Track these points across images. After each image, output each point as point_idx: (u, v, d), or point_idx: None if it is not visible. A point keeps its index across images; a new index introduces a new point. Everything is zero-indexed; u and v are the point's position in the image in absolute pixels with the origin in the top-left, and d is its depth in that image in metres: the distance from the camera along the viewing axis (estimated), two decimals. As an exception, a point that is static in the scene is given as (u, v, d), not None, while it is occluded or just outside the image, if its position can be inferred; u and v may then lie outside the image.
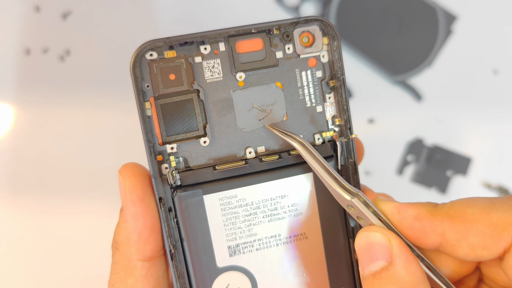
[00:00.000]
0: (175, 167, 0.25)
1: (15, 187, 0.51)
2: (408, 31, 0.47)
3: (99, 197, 0.50)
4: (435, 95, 0.47)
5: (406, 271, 0.20)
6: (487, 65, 0.47)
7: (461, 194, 0.47)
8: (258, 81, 0.25)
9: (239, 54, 0.25)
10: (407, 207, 0.22)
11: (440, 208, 0.21)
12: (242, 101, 0.25)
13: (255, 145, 0.26)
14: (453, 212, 0.21)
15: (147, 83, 0.25)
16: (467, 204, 0.21)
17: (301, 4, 0.47)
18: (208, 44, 0.25)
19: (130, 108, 0.50)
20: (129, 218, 0.24)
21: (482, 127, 0.47)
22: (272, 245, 0.26)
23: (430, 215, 0.21)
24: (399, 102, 0.48)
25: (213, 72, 0.25)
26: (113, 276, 0.25)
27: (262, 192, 0.25)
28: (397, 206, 0.22)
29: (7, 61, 0.50)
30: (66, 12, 0.50)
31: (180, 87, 0.25)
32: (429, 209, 0.21)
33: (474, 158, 0.47)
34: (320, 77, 0.26)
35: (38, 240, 0.51)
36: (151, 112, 0.25)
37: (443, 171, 0.48)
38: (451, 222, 0.20)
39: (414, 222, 0.21)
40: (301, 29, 0.25)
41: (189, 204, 0.25)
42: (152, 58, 0.25)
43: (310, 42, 0.25)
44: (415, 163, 0.48)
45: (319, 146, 0.26)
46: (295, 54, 0.25)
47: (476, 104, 0.47)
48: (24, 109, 0.51)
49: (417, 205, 0.22)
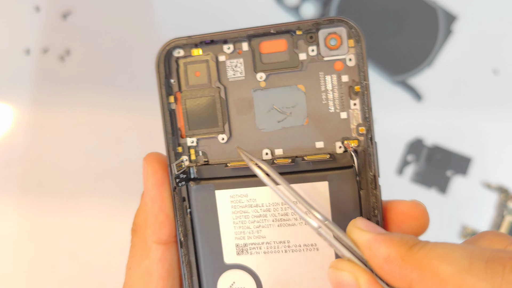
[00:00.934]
0: (182, 160, 0.26)
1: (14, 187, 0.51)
2: (408, 31, 0.47)
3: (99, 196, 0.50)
4: (435, 95, 0.47)
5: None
6: (487, 65, 0.47)
7: (461, 194, 0.47)
8: (280, 83, 0.25)
9: (263, 55, 0.25)
10: (380, 244, 0.20)
11: (414, 253, 0.19)
12: (263, 102, 0.25)
13: (272, 147, 0.26)
14: (425, 263, 0.18)
15: (173, 79, 0.26)
16: (444, 258, 0.18)
17: (301, 4, 0.47)
18: (232, 43, 0.25)
19: (131, 107, 0.50)
20: (147, 201, 0.25)
21: (482, 127, 0.47)
22: (280, 251, 0.25)
23: (401, 259, 0.19)
24: (399, 102, 0.48)
25: (235, 71, 0.25)
26: (131, 259, 0.26)
27: (272, 195, 0.25)
28: (369, 240, 0.20)
29: (7, 61, 0.50)
30: (66, 12, 0.50)
31: (204, 85, 0.26)
32: (402, 252, 0.19)
33: (474, 158, 0.47)
34: (346, 82, 0.24)
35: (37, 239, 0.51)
36: (175, 106, 0.26)
37: (443, 171, 0.48)
38: (420, 274, 0.18)
39: (383, 263, 0.19)
40: (327, 30, 0.24)
41: (201, 197, 0.26)
42: (179, 55, 0.26)
43: (338, 45, 0.24)
44: (415, 163, 0.48)
45: (339, 155, 0.25)
46: (319, 57, 0.25)
47: (476, 104, 0.47)
48: (24, 109, 0.51)
49: (391, 243, 0.19)
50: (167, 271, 0.25)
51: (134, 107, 0.50)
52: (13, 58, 0.50)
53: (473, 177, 0.47)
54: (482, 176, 0.47)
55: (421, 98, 0.48)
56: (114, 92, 0.50)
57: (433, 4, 0.47)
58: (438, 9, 0.47)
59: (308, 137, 0.25)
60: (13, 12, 0.50)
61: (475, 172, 0.47)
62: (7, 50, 0.50)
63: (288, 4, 0.47)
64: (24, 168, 0.51)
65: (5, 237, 0.51)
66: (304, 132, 0.25)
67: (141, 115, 0.49)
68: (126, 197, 0.50)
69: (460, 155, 0.48)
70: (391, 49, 0.47)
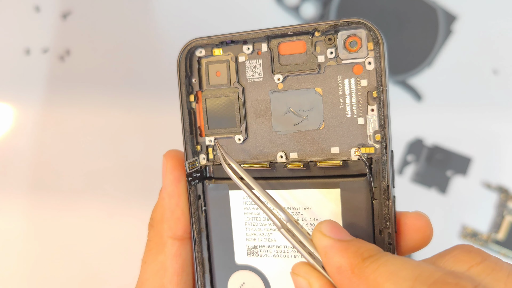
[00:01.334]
0: (195, 159, 0.26)
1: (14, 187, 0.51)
2: (408, 31, 0.47)
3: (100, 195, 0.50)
4: (435, 95, 0.47)
5: None
6: (487, 65, 0.47)
7: (461, 194, 0.47)
8: (298, 85, 0.25)
9: (281, 56, 0.25)
10: (335, 253, 0.19)
11: (364, 267, 0.18)
12: (279, 104, 0.25)
13: (287, 150, 0.25)
14: (372, 279, 0.18)
15: (194, 78, 0.26)
16: (389, 276, 0.17)
17: (301, 4, 0.47)
18: (251, 44, 0.25)
19: (131, 107, 0.50)
20: (165, 196, 0.26)
21: (482, 127, 0.47)
22: (290, 256, 0.25)
23: (351, 271, 0.19)
24: (399, 102, 0.48)
25: (254, 72, 0.25)
26: (146, 253, 0.26)
27: (283, 199, 0.25)
28: (326, 246, 0.20)
29: (7, 61, 0.50)
30: (66, 12, 0.50)
31: (224, 85, 0.26)
32: (353, 264, 0.19)
33: (474, 158, 0.47)
34: (364, 86, 0.23)
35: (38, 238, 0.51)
36: (196, 105, 0.27)
37: (443, 171, 0.48)
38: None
39: (335, 273, 0.19)
40: (346, 32, 0.23)
41: (216, 196, 0.26)
42: (201, 55, 0.26)
43: (358, 47, 0.23)
44: (415, 163, 0.48)
45: (352, 162, 0.24)
46: (338, 59, 0.24)
47: (476, 104, 0.47)
48: (24, 109, 0.51)
49: (345, 253, 0.19)
50: (181, 266, 0.26)
51: (134, 107, 0.50)
52: (13, 58, 0.50)
53: (473, 177, 0.47)
54: (482, 176, 0.47)
55: (421, 98, 0.47)
56: (114, 92, 0.50)
57: (433, 4, 0.47)
58: (438, 9, 0.47)
59: (324, 142, 0.25)
60: (13, 12, 0.50)
61: (475, 172, 0.47)
62: (7, 50, 0.50)
63: (288, 4, 0.47)
64: (24, 167, 0.51)
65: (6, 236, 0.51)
66: (319, 137, 0.25)
67: (141, 114, 0.49)
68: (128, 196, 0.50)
69: (460, 155, 0.48)
70: (391, 49, 0.47)
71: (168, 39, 0.49)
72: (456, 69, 0.47)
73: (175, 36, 0.49)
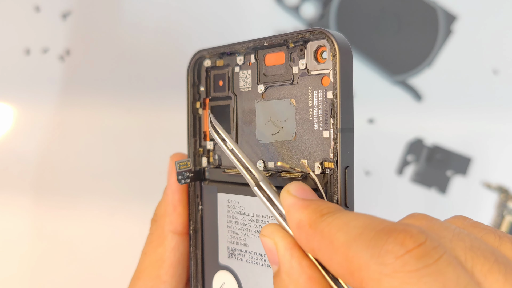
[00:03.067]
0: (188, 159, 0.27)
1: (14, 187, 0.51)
2: (408, 31, 0.47)
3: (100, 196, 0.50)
4: (435, 95, 0.47)
5: (289, 278, 0.19)
6: (487, 65, 0.47)
7: (461, 194, 0.47)
8: (277, 95, 0.25)
9: (266, 67, 0.25)
10: (296, 210, 0.20)
11: (321, 221, 0.18)
12: (262, 113, 0.26)
13: (266, 159, 0.25)
14: (326, 231, 0.18)
15: (202, 86, 0.28)
16: (342, 227, 0.18)
17: (301, 4, 0.47)
18: (242, 55, 0.26)
19: (131, 107, 0.50)
20: (168, 193, 0.28)
21: (482, 127, 0.47)
22: (258, 263, 0.25)
23: (309, 226, 0.19)
24: (399, 102, 0.48)
25: (245, 82, 0.26)
26: (147, 245, 0.28)
27: (255, 206, 0.25)
28: (289, 204, 0.20)
29: (7, 61, 0.50)
30: (66, 12, 0.50)
31: (224, 93, 0.27)
32: (312, 219, 0.19)
33: (474, 158, 0.47)
34: (330, 98, 0.23)
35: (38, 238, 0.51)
36: (202, 111, 0.28)
37: (443, 171, 0.48)
38: (320, 241, 0.18)
39: (295, 229, 0.19)
40: (316, 42, 0.23)
41: (208, 196, 0.28)
42: (208, 66, 0.28)
43: (327, 58, 0.23)
44: (415, 163, 0.48)
45: (317, 177, 0.23)
46: (308, 71, 0.23)
47: (476, 104, 0.47)
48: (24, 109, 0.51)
49: (305, 209, 0.19)
50: (178, 259, 0.27)
51: (134, 107, 0.50)
52: (13, 58, 0.50)
53: (473, 177, 0.47)
54: (482, 176, 0.47)
55: (421, 98, 0.48)
56: (114, 92, 0.50)
57: (433, 4, 0.47)
58: (438, 9, 0.47)
59: (296, 153, 0.24)
60: (13, 12, 0.50)
61: (475, 172, 0.47)
62: (7, 50, 0.50)
63: (288, 4, 0.47)
64: (24, 167, 0.51)
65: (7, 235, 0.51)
66: (292, 148, 0.24)
67: (141, 115, 0.49)
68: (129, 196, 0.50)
69: (460, 155, 0.48)
70: (391, 49, 0.47)
71: (168, 39, 0.49)
72: (456, 69, 0.47)
73: (175, 36, 0.49)
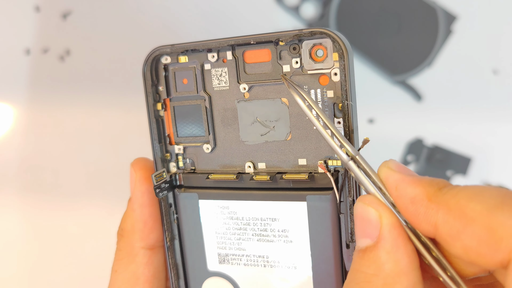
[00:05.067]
0: (163, 171, 0.26)
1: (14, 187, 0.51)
2: (408, 31, 0.47)
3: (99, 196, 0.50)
4: (435, 95, 0.47)
5: (389, 257, 0.18)
6: (487, 65, 0.47)
7: (461, 194, 0.47)
8: (264, 95, 0.24)
9: (247, 64, 0.24)
10: (407, 185, 0.18)
11: (442, 194, 0.17)
12: (246, 113, 0.24)
13: (255, 160, 0.25)
14: (453, 203, 0.17)
15: (161, 85, 0.26)
16: (474, 196, 0.17)
17: (301, 4, 0.47)
18: (216, 52, 0.24)
19: (130, 107, 0.50)
20: (136, 208, 0.26)
21: (482, 127, 0.47)
22: (259, 264, 0.25)
23: (428, 199, 0.18)
24: (399, 102, 0.48)
25: (220, 80, 0.25)
26: (117, 262, 0.26)
27: (252, 210, 0.25)
28: (397, 180, 0.19)
29: (7, 61, 0.50)
30: (66, 12, 0.50)
31: (191, 92, 0.25)
32: (430, 193, 0.18)
33: (474, 158, 0.47)
34: (331, 98, 0.23)
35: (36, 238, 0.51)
36: (164, 113, 0.26)
37: (443, 171, 0.48)
38: (447, 214, 0.17)
39: (409, 204, 0.18)
40: (312, 41, 0.22)
41: (186, 204, 0.26)
42: (167, 62, 0.26)
43: (324, 57, 0.22)
44: (415, 163, 0.48)
45: (320, 175, 0.23)
46: (304, 69, 0.23)
47: (476, 104, 0.47)
48: (24, 109, 0.51)
49: (418, 184, 0.18)
50: (153, 274, 0.26)
51: (134, 107, 0.50)
52: (13, 58, 0.50)
53: (473, 177, 0.47)
54: (482, 176, 0.47)
55: (421, 98, 0.48)
56: (114, 92, 0.50)
57: (433, 4, 0.47)
58: (438, 9, 0.47)
59: (291, 153, 0.24)
60: (13, 12, 0.50)
61: (475, 172, 0.47)
62: (7, 50, 0.50)
63: (288, 4, 0.47)
64: (24, 168, 0.51)
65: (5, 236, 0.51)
66: (286, 148, 0.24)
67: (141, 115, 0.49)
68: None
69: (460, 155, 0.48)
70: (391, 49, 0.47)
71: (168, 39, 0.49)
72: (456, 69, 0.47)
73: (174, 36, 0.49)
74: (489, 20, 0.47)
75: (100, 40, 0.49)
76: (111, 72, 0.50)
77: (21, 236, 0.51)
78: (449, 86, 0.47)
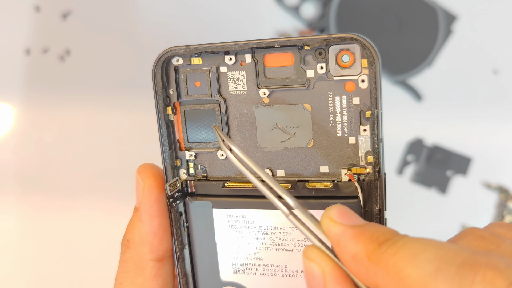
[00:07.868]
0: (176, 179, 0.24)
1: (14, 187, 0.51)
2: (408, 31, 0.47)
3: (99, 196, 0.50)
4: (435, 95, 0.47)
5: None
6: (487, 65, 0.47)
7: (461, 194, 0.47)
8: (285, 100, 0.23)
9: (267, 68, 0.23)
10: (348, 240, 0.18)
11: (381, 253, 0.17)
12: (265, 119, 0.23)
13: (274, 167, 0.24)
14: (392, 265, 0.16)
15: (172, 88, 0.24)
16: (410, 260, 0.16)
17: (301, 4, 0.47)
18: (233, 54, 0.23)
19: (131, 107, 0.50)
20: (145, 219, 0.24)
21: (482, 127, 0.47)
22: (277, 274, 0.24)
23: (368, 258, 0.17)
24: (399, 102, 0.48)
25: (237, 84, 0.24)
26: (123, 274, 0.25)
27: (271, 219, 0.24)
28: (338, 234, 0.18)
29: (7, 61, 0.50)
30: (66, 12, 0.50)
31: (204, 96, 0.24)
32: (370, 250, 0.17)
33: (474, 158, 0.47)
34: (357, 105, 0.22)
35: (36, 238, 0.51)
36: (174, 117, 0.25)
37: (443, 171, 0.48)
38: (385, 277, 0.16)
39: (350, 262, 0.18)
40: (339, 46, 0.22)
41: (198, 213, 0.25)
42: (178, 64, 0.24)
43: (351, 63, 0.22)
44: (415, 163, 0.48)
45: (343, 183, 0.23)
46: (329, 75, 0.22)
47: (476, 104, 0.47)
48: (24, 109, 0.51)
49: (359, 239, 0.18)
50: (161, 286, 0.25)
51: (134, 107, 0.50)
52: (13, 58, 0.50)
53: (473, 177, 0.47)
54: (482, 176, 0.47)
55: (421, 98, 0.47)
56: (114, 92, 0.50)
57: (433, 4, 0.47)
58: (438, 9, 0.47)
59: (313, 161, 0.23)
60: (13, 12, 0.50)
61: (475, 172, 0.47)
62: (7, 50, 0.50)
63: (288, 4, 0.47)
64: (24, 167, 0.51)
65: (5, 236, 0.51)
66: (308, 155, 0.23)
67: (141, 115, 0.49)
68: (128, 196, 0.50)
69: (460, 155, 0.48)
70: (391, 49, 0.47)
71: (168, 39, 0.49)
72: (456, 69, 0.47)
73: (174, 36, 0.49)
74: (489, 20, 0.47)
75: (100, 40, 0.49)
76: (111, 72, 0.50)
77: (20, 236, 0.51)
78: (449, 86, 0.47)
